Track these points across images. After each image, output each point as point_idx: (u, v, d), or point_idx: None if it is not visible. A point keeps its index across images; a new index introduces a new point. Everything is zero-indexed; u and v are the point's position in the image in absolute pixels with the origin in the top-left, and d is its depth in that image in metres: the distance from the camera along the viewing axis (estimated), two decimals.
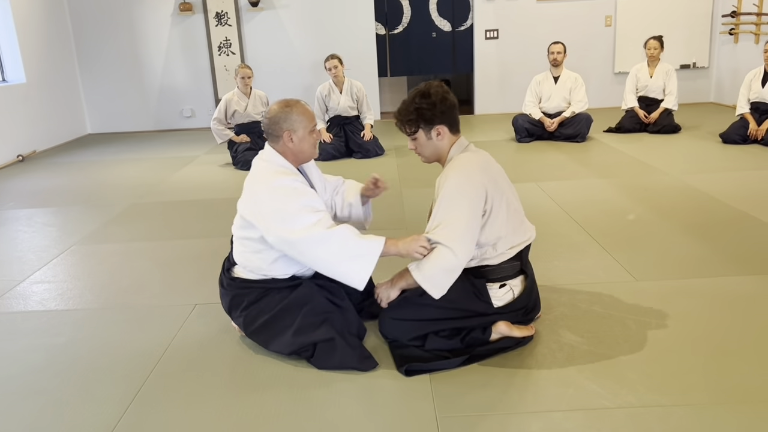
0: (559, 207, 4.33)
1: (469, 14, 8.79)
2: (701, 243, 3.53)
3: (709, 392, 2.13)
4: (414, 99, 2.41)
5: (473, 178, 2.35)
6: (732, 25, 8.32)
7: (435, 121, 2.40)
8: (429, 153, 2.49)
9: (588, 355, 2.39)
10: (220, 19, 8.56)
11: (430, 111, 2.39)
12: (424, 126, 2.41)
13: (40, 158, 7.31)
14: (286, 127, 2.43)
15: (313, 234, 2.28)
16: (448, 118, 2.43)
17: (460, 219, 2.30)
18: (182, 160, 6.73)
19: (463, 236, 2.30)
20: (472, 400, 2.15)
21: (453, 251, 2.27)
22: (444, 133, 2.43)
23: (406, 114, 2.42)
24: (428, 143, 2.45)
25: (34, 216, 4.81)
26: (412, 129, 2.44)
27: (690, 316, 2.68)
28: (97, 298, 3.22)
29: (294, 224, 2.30)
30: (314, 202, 2.38)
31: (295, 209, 2.32)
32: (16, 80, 7.48)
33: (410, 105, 2.41)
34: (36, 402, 2.28)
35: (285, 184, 2.37)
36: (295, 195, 2.35)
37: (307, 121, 2.45)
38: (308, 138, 2.47)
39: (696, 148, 6.01)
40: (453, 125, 2.45)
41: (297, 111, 2.45)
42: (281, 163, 2.47)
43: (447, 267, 2.30)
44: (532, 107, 6.73)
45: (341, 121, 6.52)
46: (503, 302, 2.47)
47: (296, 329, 2.40)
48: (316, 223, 2.29)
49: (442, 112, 2.40)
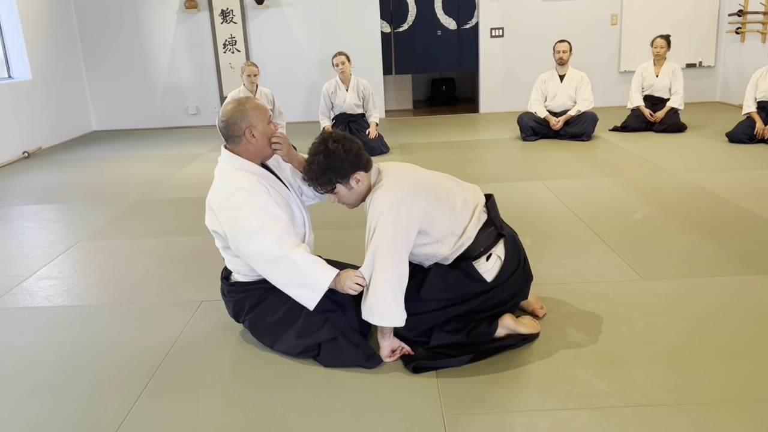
0: (564, 206, 4.32)
1: (474, 12, 8.77)
2: (708, 242, 3.52)
3: (717, 391, 2.13)
4: (318, 161, 2.33)
5: (396, 197, 2.31)
6: (738, 24, 8.29)
7: (349, 172, 2.35)
8: (353, 200, 2.45)
9: (595, 354, 2.39)
10: (225, 16, 8.56)
11: (341, 167, 2.33)
12: (341, 181, 2.37)
13: (45, 155, 7.32)
14: (246, 124, 2.38)
15: (267, 254, 2.29)
16: (359, 164, 2.36)
17: (385, 243, 2.26)
18: (187, 157, 6.74)
19: (388, 257, 2.27)
20: (478, 397, 2.15)
21: (383, 276, 2.26)
22: (362, 177, 2.38)
23: (319, 179, 2.36)
24: (350, 193, 2.41)
25: (40, 212, 4.82)
26: (330, 188, 2.40)
27: (697, 315, 2.67)
28: (103, 294, 3.23)
29: (250, 243, 2.31)
30: (272, 216, 2.33)
31: (252, 227, 2.30)
32: (21, 77, 7.50)
33: (317, 168, 2.34)
34: (43, 397, 2.29)
35: (240, 198, 2.33)
36: (251, 210, 2.31)
37: (262, 114, 2.41)
38: (267, 132, 2.42)
39: (702, 147, 6.00)
40: (366, 166, 2.39)
41: (251, 106, 2.40)
42: (237, 164, 2.42)
43: (392, 292, 2.27)
44: (537, 106, 6.72)
45: (346, 119, 6.52)
46: (495, 272, 2.45)
47: (299, 331, 2.40)
48: (273, 244, 2.28)
49: (351, 162, 2.34)
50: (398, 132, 7.70)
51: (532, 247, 3.54)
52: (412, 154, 6.35)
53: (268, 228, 2.30)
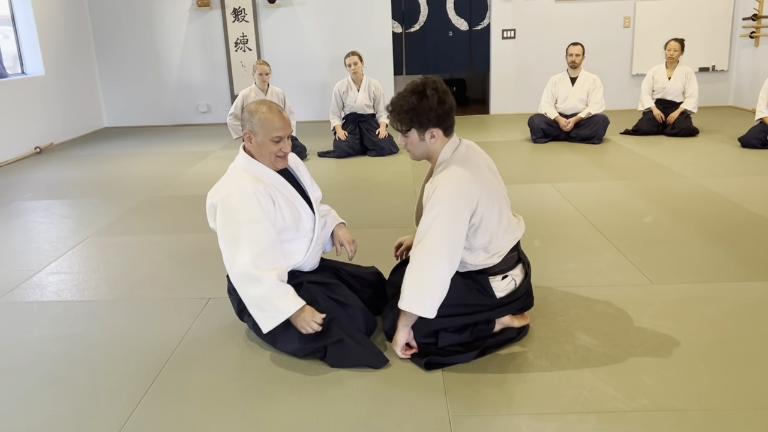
0: (574, 208, 4.30)
1: (486, 13, 8.75)
2: (718, 247, 3.49)
3: (725, 398, 2.11)
4: (410, 98, 2.29)
5: (465, 191, 2.29)
6: (753, 29, 8.22)
7: (430, 124, 2.31)
8: (419, 153, 2.43)
9: (603, 358, 2.37)
10: (237, 15, 8.59)
11: (425, 114, 2.29)
12: (418, 128, 2.33)
13: (57, 150, 7.37)
14: (248, 126, 2.41)
15: (240, 269, 2.32)
16: (443, 122, 2.33)
17: (443, 237, 2.25)
18: (198, 154, 6.76)
19: (445, 252, 2.26)
20: (485, 399, 2.14)
21: (435, 271, 2.26)
22: (438, 136, 2.35)
23: (399, 112, 2.33)
24: (420, 144, 2.38)
25: (51, 207, 4.85)
26: (404, 128, 2.37)
27: (706, 320, 2.65)
28: (113, 289, 3.25)
29: (229, 249, 2.36)
30: (258, 232, 2.33)
31: (235, 236, 2.34)
32: (35, 73, 7.55)
33: (405, 103, 2.30)
34: (50, 391, 2.30)
35: (236, 202, 2.35)
36: (242, 218, 2.33)
37: (270, 128, 2.38)
38: (269, 146, 2.40)
39: (714, 152, 5.95)
40: (448, 129, 2.36)
41: (262, 115, 2.39)
42: (247, 166, 2.44)
43: (432, 287, 2.28)
44: (548, 107, 6.70)
45: (357, 119, 6.52)
46: (506, 292, 2.47)
47: (305, 336, 2.38)
48: (249, 261, 2.30)
49: (438, 116, 2.30)
50: None
51: (542, 249, 3.53)
52: None
53: (250, 243, 2.32)
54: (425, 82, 2.31)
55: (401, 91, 2.35)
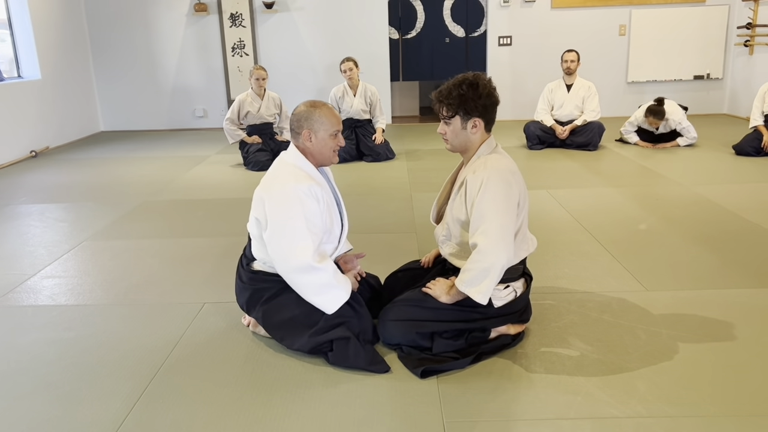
0: (569, 215, 4.31)
1: (483, 20, 8.79)
2: (713, 254, 3.51)
3: (720, 404, 2.11)
4: (461, 85, 2.35)
5: (512, 182, 2.35)
6: (747, 37, 8.28)
7: (475, 113, 2.37)
8: (458, 143, 2.46)
9: (597, 364, 2.38)
10: (234, 20, 8.60)
11: (474, 102, 2.35)
12: (463, 114, 2.38)
13: (52, 154, 7.36)
14: (307, 126, 2.45)
15: (301, 262, 2.36)
16: (487, 114, 2.40)
17: (502, 225, 2.30)
18: (194, 159, 6.76)
19: (503, 240, 2.30)
20: (479, 405, 2.15)
21: (496, 257, 2.28)
22: (480, 127, 2.40)
23: (448, 97, 2.37)
24: (461, 132, 2.42)
25: (46, 211, 4.84)
26: (449, 113, 2.40)
27: (701, 327, 2.66)
28: (107, 293, 3.24)
29: (287, 243, 2.37)
30: (315, 225, 2.40)
31: (297, 228, 2.36)
32: (31, 76, 7.55)
33: (455, 89, 2.36)
34: (45, 396, 2.29)
35: (294, 196, 2.37)
36: (300, 213, 2.36)
37: (329, 124, 2.46)
38: (328, 141, 2.48)
39: (709, 160, 5.98)
40: (489, 123, 2.43)
41: (320, 112, 2.46)
42: (301, 165, 2.48)
43: (490, 273, 2.31)
44: (544, 114, 6.72)
45: (353, 124, 6.53)
46: (504, 302, 2.47)
47: (315, 330, 2.41)
48: (312, 253, 2.35)
49: (484, 107, 2.37)
50: (404, 138, 7.71)
51: (537, 255, 3.53)
52: (419, 160, 6.35)
53: (311, 235, 2.37)
54: (477, 75, 2.39)
55: (451, 80, 2.41)
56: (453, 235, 2.52)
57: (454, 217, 2.48)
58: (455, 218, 2.47)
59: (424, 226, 4.12)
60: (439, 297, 2.44)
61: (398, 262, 3.06)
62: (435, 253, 2.80)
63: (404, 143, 7.30)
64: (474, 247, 2.33)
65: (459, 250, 2.52)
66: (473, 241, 2.33)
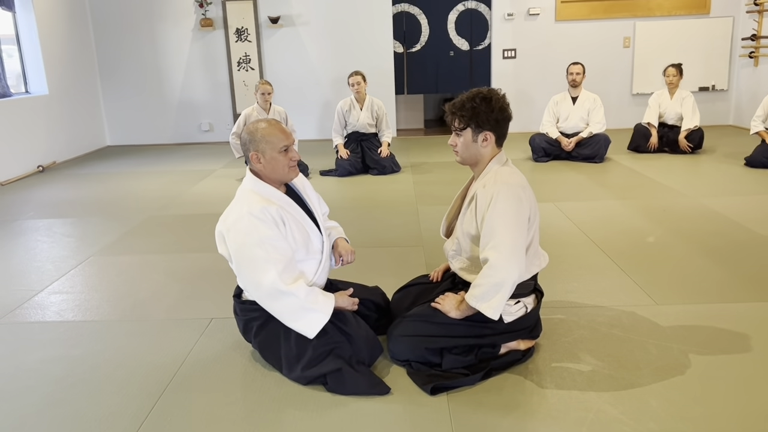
0: (577, 228, 4.29)
1: (487, 33, 8.82)
2: (723, 267, 3.48)
3: (733, 420, 2.09)
4: (474, 98, 2.38)
5: (522, 198, 2.35)
6: (752, 48, 8.28)
7: (486, 126, 2.39)
8: (468, 155, 2.47)
9: (608, 380, 2.35)
10: (240, 35, 8.65)
11: (486, 115, 2.37)
12: (474, 127, 2.40)
13: (59, 169, 7.39)
14: (253, 148, 2.41)
15: (269, 288, 2.32)
16: (499, 129, 2.42)
17: (513, 239, 2.29)
18: (200, 173, 6.77)
19: (514, 255, 2.29)
20: (490, 423, 2.12)
21: (507, 272, 2.28)
22: (490, 141, 2.42)
23: (461, 109, 2.40)
24: (472, 145, 2.43)
25: (53, 226, 4.85)
26: (461, 125, 2.42)
27: (712, 341, 2.63)
28: (115, 309, 3.23)
29: (251, 271, 2.35)
30: (276, 249, 2.34)
31: (256, 256, 2.32)
32: (38, 92, 7.60)
33: (468, 102, 2.38)
34: (53, 413, 2.28)
35: (248, 224, 2.33)
36: (258, 240, 2.32)
37: (275, 141, 2.39)
38: (279, 158, 2.41)
39: (716, 171, 5.96)
40: (501, 137, 2.45)
41: (263, 132, 2.40)
42: (258, 189, 2.43)
43: (502, 288, 2.30)
44: (549, 127, 6.72)
45: (359, 137, 6.54)
46: (515, 317, 2.46)
47: (306, 363, 2.38)
48: (276, 278, 2.30)
49: (496, 121, 2.39)
50: (410, 151, 7.71)
51: (545, 269, 3.51)
52: (424, 173, 6.35)
53: (272, 261, 2.32)
54: (491, 90, 2.42)
55: (465, 93, 2.43)
56: (463, 250, 2.51)
57: (464, 232, 2.47)
58: (465, 233, 2.46)
59: (431, 239, 4.10)
60: (448, 312, 2.43)
61: (405, 275, 3.04)
62: (444, 268, 2.78)
63: (409, 156, 7.30)
64: (485, 262, 2.32)
65: (469, 264, 2.51)
66: (484, 255, 2.32)
